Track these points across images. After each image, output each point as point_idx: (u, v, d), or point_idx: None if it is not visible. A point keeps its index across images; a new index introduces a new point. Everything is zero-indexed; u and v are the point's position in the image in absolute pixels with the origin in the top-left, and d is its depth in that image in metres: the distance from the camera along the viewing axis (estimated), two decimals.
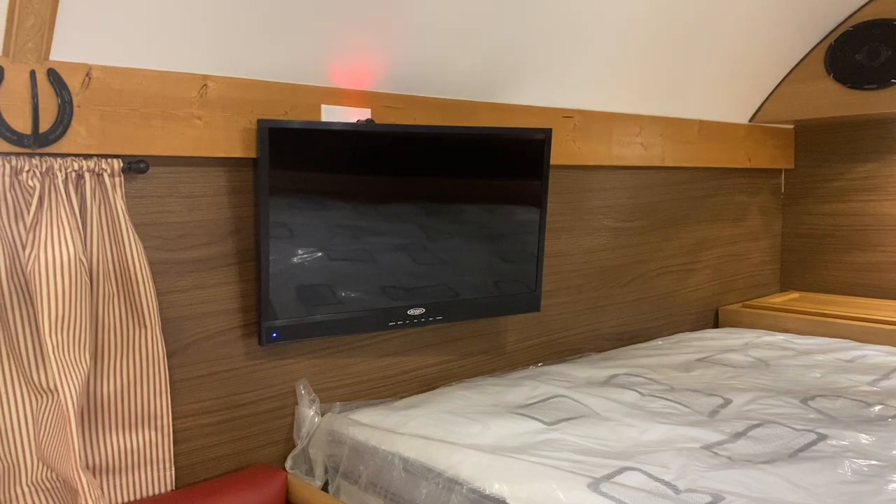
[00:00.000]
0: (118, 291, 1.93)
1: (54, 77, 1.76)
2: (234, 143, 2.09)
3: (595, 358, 3.01)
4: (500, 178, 2.56)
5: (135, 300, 1.92)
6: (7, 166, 1.72)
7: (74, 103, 1.80)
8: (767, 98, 3.79)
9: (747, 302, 3.92)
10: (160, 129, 1.95)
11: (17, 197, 1.77)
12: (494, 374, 2.84)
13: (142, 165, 1.94)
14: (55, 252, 1.77)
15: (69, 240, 1.79)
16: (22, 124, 1.74)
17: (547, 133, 2.57)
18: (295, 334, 2.22)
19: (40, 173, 1.77)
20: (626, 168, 3.30)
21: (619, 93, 3.12)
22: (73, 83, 1.80)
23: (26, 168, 1.74)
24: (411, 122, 2.47)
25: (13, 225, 1.78)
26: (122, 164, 1.89)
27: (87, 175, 1.84)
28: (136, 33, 1.85)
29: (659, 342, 3.30)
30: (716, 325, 3.90)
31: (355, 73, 2.31)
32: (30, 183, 1.76)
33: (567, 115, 2.96)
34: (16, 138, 1.73)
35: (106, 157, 1.88)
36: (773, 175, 4.16)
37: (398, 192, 2.36)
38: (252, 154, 2.12)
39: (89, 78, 1.82)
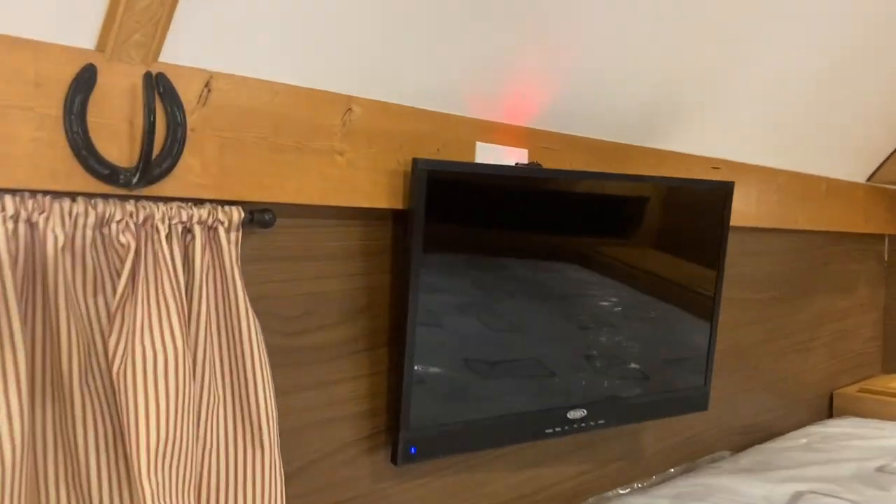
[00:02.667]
0: (228, 398, 1.33)
1: (164, 86, 1.20)
2: (379, 188, 1.53)
3: (743, 463, 2.47)
4: (669, 244, 2.04)
5: (249, 409, 1.33)
6: (92, 214, 1.14)
7: (188, 125, 1.24)
8: (888, 157, 3.37)
9: (863, 386, 3.43)
10: (293, 167, 1.39)
11: (98, 258, 1.18)
12: (641, 487, 2.27)
13: (267, 217, 1.37)
14: (157, 346, 1.18)
15: (176, 327, 1.20)
16: (117, 153, 1.16)
17: (728, 188, 2.07)
18: (438, 449, 1.64)
19: (136, 225, 1.19)
20: (762, 230, 2.82)
21: (761, 145, 2.66)
22: (188, 96, 1.24)
23: (118, 217, 1.16)
24: (567, 166, 1.95)
25: (90, 300, 1.19)
26: (242, 215, 1.32)
27: (197, 229, 1.27)
28: (269, 35, 1.31)
29: (803, 440, 2.77)
30: (831, 412, 3.40)
31: (514, 106, 1.79)
32: (121, 239, 1.17)
33: (715, 165, 2.48)
34: (108, 173, 1.15)
35: (223, 203, 1.31)
36: (877, 241, 3.74)
37: (554, 252, 1.82)
38: (397, 204, 1.57)
39: (209, 90, 1.26)
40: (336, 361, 1.56)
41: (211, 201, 1.29)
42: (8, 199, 1.06)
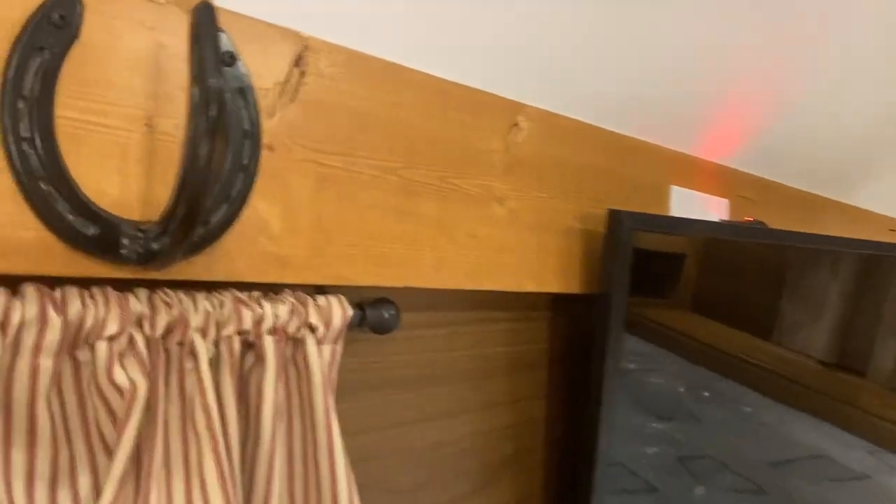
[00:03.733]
0: None
1: (225, 52, 0.58)
2: (548, 258, 0.91)
3: None
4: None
5: None
6: (57, 324, 0.51)
7: (264, 137, 0.62)
8: None
9: None
10: (432, 224, 0.77)
11: (66, 410, 0.55)
12: None
13: (388, 314, 0.74)
14: None
15: None
16: (116, 189, 0.54)
17: None
18: None
19: (148, 343, 0.56)
20: None
21: None
22: (263, 80, 0.62)
23: (112, 328, 0.53)
24: (765, 219, 1.34)
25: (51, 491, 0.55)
26: (349, 313, 0.69)
27: (268, 344, 0.64)
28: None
29: None
30: None
31: (715, 137, 1.19)
32: (116, 377, 0.54)
33: (893, 228, 1.90)
34: (98, 233, 0.52)
35: (315, 291, 0.68)
36: None
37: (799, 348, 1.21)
38: (571, 285, 0.94)
39: (302, 71, 0.65)
40: None
41: (294, 288, 0.67)
42: None
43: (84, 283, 0.54)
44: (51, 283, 0.52)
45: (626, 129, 1.03)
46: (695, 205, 1.14)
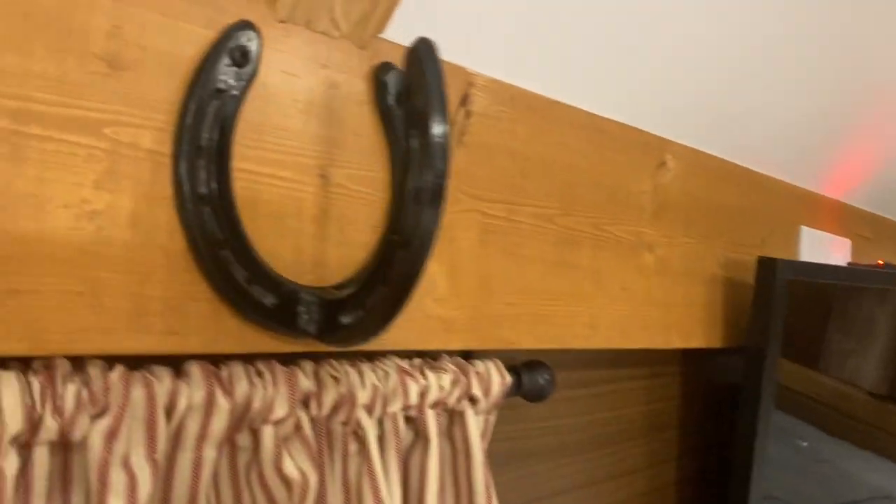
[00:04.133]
0: None
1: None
2: (695, 311, 0.83)
3: None
4: None
5: None
6: (225, 406, 0.43)
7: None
8: None
9: None
10: (589, 276, 0.69)
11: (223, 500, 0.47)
12: None
13: (543, 379, 0.66)
14: None
15: None
16: (290, 252, 0.46)
17: None
18: None
19: (314, 423, 0.49)
20: None
21: None
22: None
23: (279, 410, 0.46)
24: (882, 258, 1.25)
25: None
26: (507, 380, 0.61)
27: (430, 419, 0.56)
28: (564, 23, 0.63)
29: None
30: None
31: (841, 172, 1.11)
32: (286, 468, 0.47)
33: None
34: (274, 304, 0.45)
35: (472, 357, 0.60)
36: None
37: None
38: (713, 339, 0.86)
39: (467, 111, 0.57)
40: None
41: (451, 354, 0.59)
42: (10, 385, 0.36)
43: (247, 357, 0.46)
44: (211, 360, 0.45)
45: (759, 165, 0.95)
46: (822, 246, 1.06)
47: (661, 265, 0.77)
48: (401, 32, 0.52)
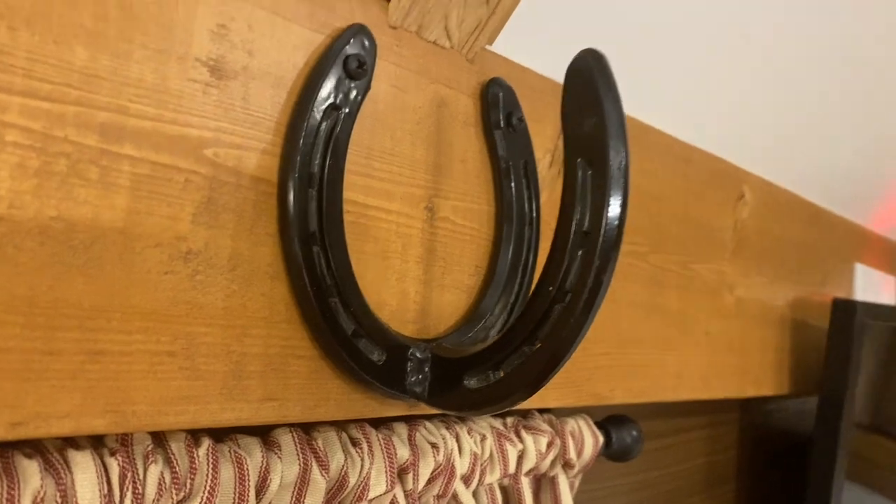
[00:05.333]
0: None
1: (516, 119, 0.44)
2: (768, 356, 0.77)
3: None
4: None
5: None
6: (325, 470, 0.36)
7: (541, 221, 0.48)
8: None
9: None
10: (676, 320, 0.62)
11: None
12: None
13: (630, 437, 0.59)
14: None
15: None
16: (396, 297, 0.39)
17: None
18: None
19: (407, 496, 0.41)
20: None
21: None
22: (539, 144, 0.48)
23: (379, 486, 0.39)
24: None
25: None
26: (600, 440, 0.54)
27: (525, 488, 0.49)
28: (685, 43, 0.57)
29: None
30: None
31: (889, 210, 1.07)
32: None
33: None
34: (382, 360, 0.37)
35: (566, 414, 0.54)
36: None
37: None
38: (780, 386, 0.80)
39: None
40: None
41: (541, 411, 0.52)
42: (86, 468, 0.28)
43: (338, 423, 0.39)
44: (303, 426, 0.37)
45: (823, 200, 0.90)
46: (875, 285, 1.01)
47: (739, 307, 0.71)
48: (508, 46, 0.46)
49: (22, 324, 0.26)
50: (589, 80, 0.32)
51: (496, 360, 0.36)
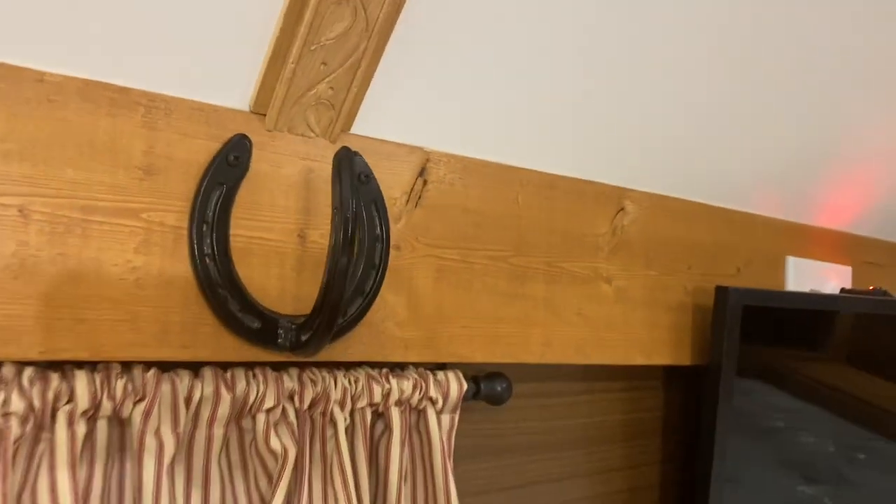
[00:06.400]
0: None
1: (362, 174, 0.70)
2: (659, 332, 0.97)
3: None
4: None
5: None
6: (225, 399, 0.64)
7: (392, 240, 0.73)
8: None
9: None
10: (540, 305, 0.85)
11: (230, 474, 0.67)
12: None
13: (500, 387, 0.83)
14: None
15: None
16: (275, 290, 0.66)
17: None
18: None
19: (298, 413, 0.68)
20: None
21: None
22: (392, 191, 0.73)
23: (269, 403, 0.66)
24: (873, 288, 1.31)
25: None
26: (464, 387, 0.78)
27: (394, 414, 0.74)
28: (510, 96, 0.79)
29: None
30: None
31: (834, 204, 1.20)
32: (271, 443, 0.66)
33: None
34: (259, 326, 0.65)
35: (435, 368, 0.78)
36: None
37: None
38: (683, 357, 0.99)
39: (424, 180, 0.76)
40: None
41: (417, 366, 0.77)
42: (81, 378, 0.57)
43: (248, 365, 0.66)
44: (223, 365, 0.65)
45: (738, 203, 1.07)
46: (813, 274, 1.15)
47: (619, 294, 0.92)
48: (369, 126, 0.72)
49: (44, 304, 0.55)
50: (339, 167, 0.58)
51: (310, 324, 0.62)
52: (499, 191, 0.81)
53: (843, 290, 1.17)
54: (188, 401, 0.63)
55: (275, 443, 0.66)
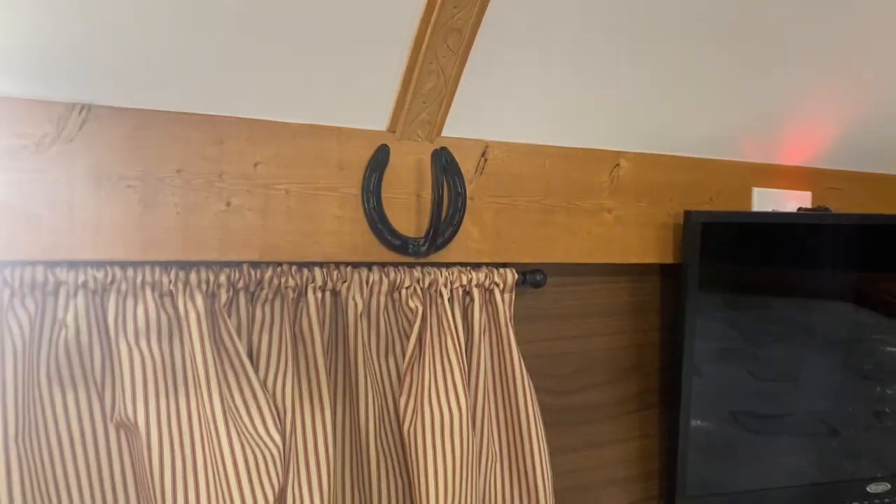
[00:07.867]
0: (505, 456, 1.37)
1: (447, 159, 1.27)
2: (648, 243, 1.49)
3: None
4: None
5: (525, 468, 1.35)
6: (385, 281, 1.24)
7: (468, 194, 1.30)
8: None
9: None
10: (562, 228, 1.40)
11: (390, 322, 1.28)
12: None
13: (538, 277, 1.39)
14: (443, 407, 1.24)
15: (460, 387, 1.26)
16: (406, 224, 1.25)
17: None
18: None
19: (422, 290, 1.27)
20: None
21: None
22: (466, 166, 1.30)
23: (407, 283, 1.25)
24: (857, 207, 1.76)
25: (383, 361, 1.28)
26: (516, 277, 1.35)
27: (475, 292, 1.32)
28: (539, 101, 1.33)
29: None
30: None
31: (796, 145, 1.66)
32: (409, 304, 1.26)
33: None
34: (399, 243, 1.24)
35: (498, 266, 1.35)
36: None
37: (838, 293, 1.64)
38: (667, 258, 1.52)
39: (485, 159, 1.32)
40: (605, 422, 1.54)
41: (487, 265, 1.35)
42: (317, 271, 1.19)
43: (394, 264, 1.26)
44: (381, 265, 1.25)
45: (711, 153, 1.56)
46: (775, 200, 1.63)
47: (618, 219, 1.45)
48: (451, 130, 1.28)
49: (299, 234, 1.17)
50: (435, 160, 1.16)
51: (427, 242, 1.21)
52: (532, 161, 1.36)
53: (799, 209, 1.63)
54: (367, 281, 1.23)
55: (412, 303, 1.26)
